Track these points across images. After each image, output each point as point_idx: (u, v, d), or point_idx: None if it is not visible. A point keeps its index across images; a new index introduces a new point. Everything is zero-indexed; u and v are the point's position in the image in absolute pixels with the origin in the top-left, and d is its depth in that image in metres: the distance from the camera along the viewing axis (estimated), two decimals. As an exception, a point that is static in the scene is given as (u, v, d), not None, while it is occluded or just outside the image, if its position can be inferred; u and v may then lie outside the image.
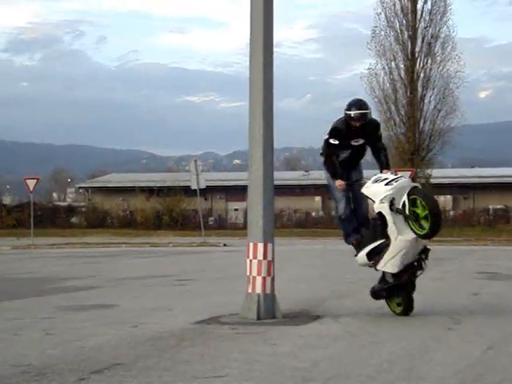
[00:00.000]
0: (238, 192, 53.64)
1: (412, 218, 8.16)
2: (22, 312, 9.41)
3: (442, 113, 47.49)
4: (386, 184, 8.31)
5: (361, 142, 8.87)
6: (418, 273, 8.60)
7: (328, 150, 8.88)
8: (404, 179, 8.52)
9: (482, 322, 8.12)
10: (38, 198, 61.91)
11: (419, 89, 47.60)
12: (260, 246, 8.28)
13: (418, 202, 8.16)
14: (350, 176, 9.00)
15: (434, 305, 9.73)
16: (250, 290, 8.30)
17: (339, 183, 8.81)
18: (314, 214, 56.05)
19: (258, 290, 8.23)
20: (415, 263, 8.50)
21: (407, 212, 8.15)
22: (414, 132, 47.27)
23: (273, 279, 8.36)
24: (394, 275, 8.46)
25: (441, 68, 47.46)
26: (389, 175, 8.55)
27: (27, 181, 33.71)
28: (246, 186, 8.96)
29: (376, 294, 8.85)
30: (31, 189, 33.30)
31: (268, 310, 8.25)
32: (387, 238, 8.34)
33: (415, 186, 8.46)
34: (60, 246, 31.03)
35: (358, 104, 8.72)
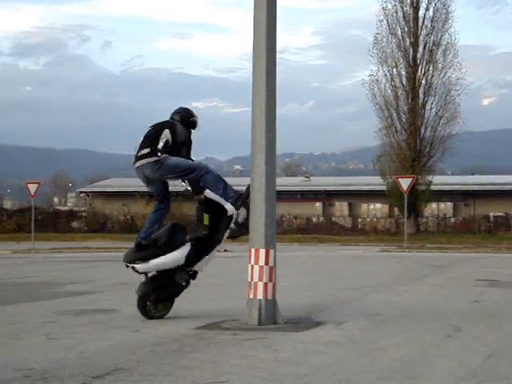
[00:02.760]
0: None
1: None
2: (23, 316, 9.41)
3: (443, 120, 47.57)
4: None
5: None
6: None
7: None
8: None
9: (482, 330, 8.13)
10: (39, 202, 61.96)
11: (420, 95, 47.67)
12: (262, 251, 8.30)
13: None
14: None
15: (435, 312, 9.73)
16: (251, 296, 8.31)
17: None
18: (314, 219, 56.01)
19: (260, 295, 8.24)
20: None
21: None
22: (415, 139, 47.31)
23: (274, 285, 8.37)
24: (189, 277, 9.22)
25: (442, 75, 47.57)
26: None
27: (28, 185, 33.71)
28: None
29: (171, 296, 9.17)
30: (32, 193, 33.30)
31: (269, 316, 8.26)
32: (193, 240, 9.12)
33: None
34: (61, 250, 31.02)
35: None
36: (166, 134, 8.95)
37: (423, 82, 47.76)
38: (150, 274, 9.02)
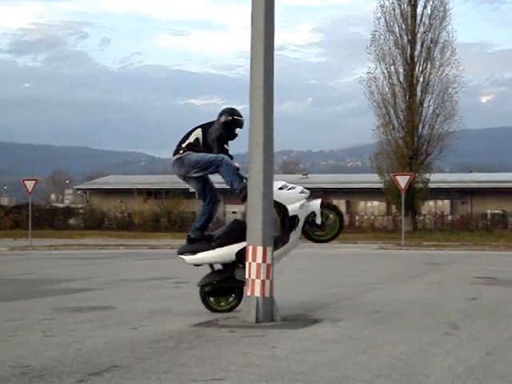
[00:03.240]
0: (236, 195, 53.61)
1: (317, 226, 9.33)
2: (20, 313, 9.40)
3: (441, 117, 47.57)
4: (301, 192, 9.24)
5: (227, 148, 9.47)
6: None
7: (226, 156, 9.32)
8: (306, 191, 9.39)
9: (480, 327, 8.13)
10: (36, 199, 61.96)
11: (418, 93, 47.67)
12: (259, 249, 8.29)
13: (327, 212, 9.38)
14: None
15: (432, 309, 9.73)
16: (248, 293, 8.30)
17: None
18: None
19: (257, 293, 8.23)
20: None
21: (318, 221, 9.29)
22: (412, 136, 47.32)
23: (272, 282, 8.36)
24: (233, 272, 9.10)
25: (440, 73, 47.57)
26: (291, 184, 9.41)
27: (25, 182, 33.71)
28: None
29: (225, 290, 9.18)
30: (29, 190, 33.29)
31: (267, 313, 8.25)
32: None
33: (323, 200, 9.55)
34: (58, 247, 31.02)
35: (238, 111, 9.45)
36: (197, 133, 9.30)
37: (421, 79, 47.77)
38: (215, 268, 9.34)
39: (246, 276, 8.34)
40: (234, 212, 56.63)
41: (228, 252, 9.00)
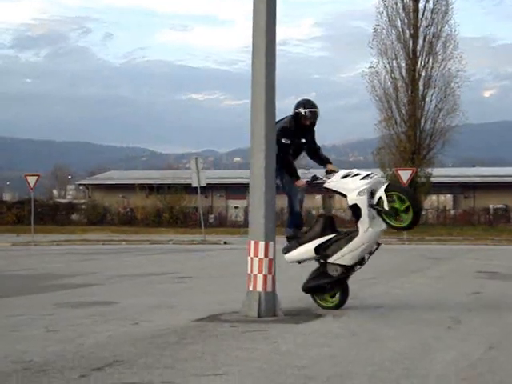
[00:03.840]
0: (239, 190, 53.62)
1: (390, 213, 8.55)
2: (23, 309, 9.41)
3: (443, 112, 47.45)
4: (362, 178, 8.65)
5: (303, 141, 9.12)
6: (357, 267, 8.93)
7: (284, 151, 8.97)
8: (377, 175, 8.88)
9: (482, 321, 8.12)
10: (39, 194, 61.94)
11: (420, 88, 47.57)
12: (261, 244, 8.28)
13: (396, 196, 8.54)
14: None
15: (435, 304, 9.72)
16: (250, 288, 8.30)
17: (300, 183, 9.10)
18: (314, 212, 55.99)
19: (259, 287, 8.23)
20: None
21: (385, 207, 8.50)
22: (414, 131, 47.23)
23: (274, 277, 8.36)
24: (343, 269, 8.77)
25: (442, 67, 47.44)
26: (359, 171, 8.92)
27: (28, 177, 33.70)
28: (247, 183, 8.95)
29: (318, 288, 9.02)
30: (32, 185, 33.29)
31: (269, 308, 8.25)
32: (337, 232, 8.88)
33: (390, 183, 8.87)
34: (60, 242, 31.04)
35: (310, 103, 9.03)
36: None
37: (423, 73, 47.66)
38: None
39: (248, 271, 8.33)
40: (237, 207, 56.64)
41: (308, 249, 8.90)
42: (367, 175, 8.73)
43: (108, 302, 10.03)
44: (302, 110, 8.93)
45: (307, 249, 8.91)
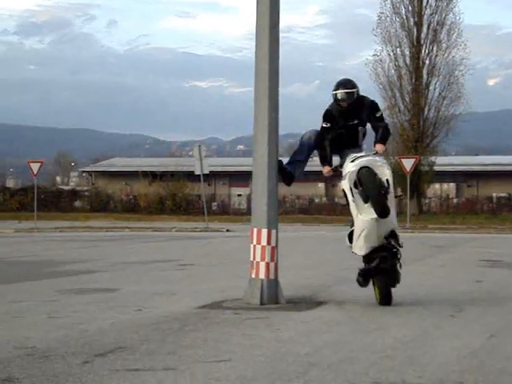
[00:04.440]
0: (241, 178, 53.67)
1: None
2: (25, 295, 9.43)
3: (447, 100, 47.49)
4: (352, 161, 8.18)
5: (355, 121, 8.60)
6: (393, 262, 8.15)
7: (320, 134, 8.68)
8: (368, 158, 8.21)
9: (484, 310, 8.12)
10: (42, 181, 62.09)
11: (424, 76, 47.53)
12: (264, 231, 8.28)
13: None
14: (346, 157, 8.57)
15: (437, 292, 9.73)
16: (253, 276, 8.30)
17: (326, 170, 8.68)
18: (317, 200, 56.03)
19: (262, 275, 8.24)
20: (384, 249, 8.14)
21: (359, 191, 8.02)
22: (418, 119, 47.22)
23: (276, 265, 8.36)
24: (364, 259, 8.34)
25: (446, 55, 47.42)
26: (360, 153, 8.31)
27: (31, 164, 33.75)
28: (250, 171, 8.93)
29: (358, 280, 8.49)
30: (35, 172, 33.35)
31: (271, 296, 8.26)
32: None
33: (364, 167, 8.09)
34: (63, 229, 31.10)
35: (343, 84, 8.54)
36: None
37: (427, 61, 47.61)
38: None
39: (250, 258, 8.33)
40: (239, 195, 56.68)
41: (345, 239, 8.52)
42: (359, 157, 8.19)
43: (111, 288, 10.05)
44: (335, 92, 8.49)
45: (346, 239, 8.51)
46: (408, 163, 32.89)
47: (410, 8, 47.57)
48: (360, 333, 6.60)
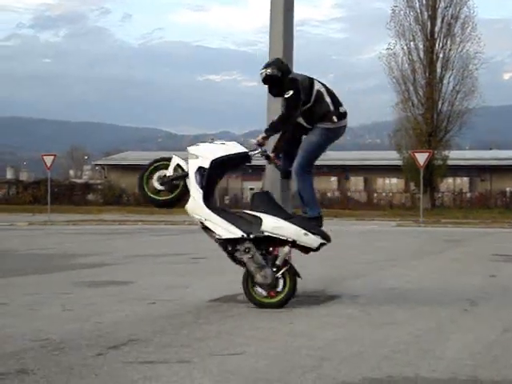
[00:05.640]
0: (254, 171, 53.60)
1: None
2: (39, 287, 9.47)
3: (461, 94, 47.28)
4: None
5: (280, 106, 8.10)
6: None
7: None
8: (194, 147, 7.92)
9: (498, 304, 8.09)
10: (55, 174, 62.31)
11: (438, 69, 47.34)
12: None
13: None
14: None
15: (451, 286, 9.70)
16: (266, 269, 8.29)
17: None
18: (329, 194, 55.98)
19: (275, 268, 8.22)
20: None
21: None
22: (432, 113, 47.04)
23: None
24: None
25: (460, 49, 47.21)
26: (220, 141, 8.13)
27: (44, 157, 33.85)
28: (262, 165, 8.94)
29: None
30: (48, 165, 33.45)
31: (284, 289, 8.24)
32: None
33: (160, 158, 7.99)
34: (76, 222, 31.20)
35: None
36: None
37: (441, 55, 47.40)
38: None
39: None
40: (252, 189, 56.67)
41: None
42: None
43: (124, 281, 10.08)
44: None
45: None
46: (421, 157, 32.75)
47: (424, 1, 47.36)
48: (373, 327, 6.59)
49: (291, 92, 7.68)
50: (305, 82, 7.77)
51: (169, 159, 7.99)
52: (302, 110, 7.79)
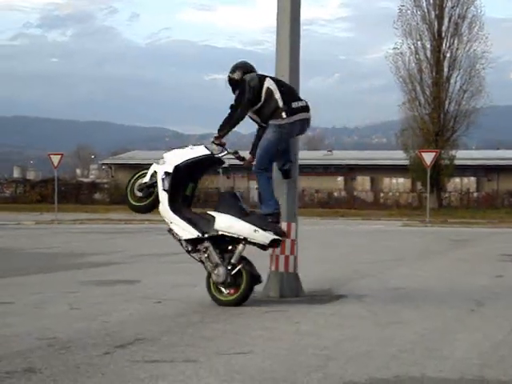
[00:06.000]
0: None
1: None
2: (46, 286, 9.50)
3: (468, 93, 47.10)
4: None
5: None
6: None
7: None
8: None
9: (505, 304, 8.08)
10: (62, 173, 62.42)
11: (445, 69, 47.20)
12: (283, 225, 8.27)
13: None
14: None
15: (457, 286, 9.68)
16: (273, 269, 8.32)
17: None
18: (336, 194, 55.90)
19: (281, 268, 8.25)
20: None
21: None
22: (438, 113, 46.91)
23: (296, 258, 8.37)
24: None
25: (467, 48, 47.02)
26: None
27: (51, 156, 33.88)
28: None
29: None
30: (55, 164, 33.48)
31: (291, 289, 8.27)
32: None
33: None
34: (83, 221, 31.25)
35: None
36: None
37: (448, 55, 47.26)
38: None
39: (270, 251, 8.32)
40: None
41: None
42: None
43: (131, 280, 10.10)
44: None
45: None
46: (428, 157, 32.65)
47: (432, 1, 47.22)
48: (380, 326, 6.59)
49: (237, 92, 7.93)
50: (253, 82, 7.90)
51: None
52: (255, 109, 7.97)
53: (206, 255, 7.79)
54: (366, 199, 54.39)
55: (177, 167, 7.90)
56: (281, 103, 7.84)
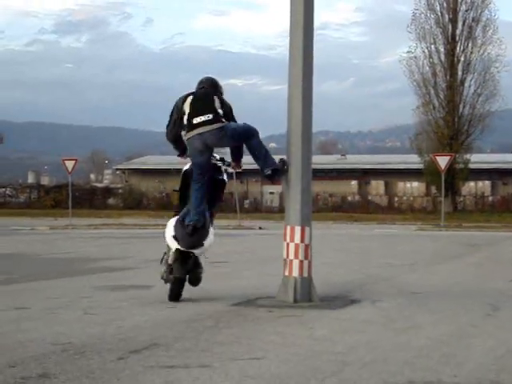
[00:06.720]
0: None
1: None
2: (60, 291, 9.52)
3: (482, 97, 46.97)
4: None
5: None
6: None
7: None
8: None
9: (521, 309, 8.02)
10: (76, 179, 62.64)
11: (459, 72, 47.09)
12: (297, 229, 8.26)
13: None
14: None
15: (473, 290, 9.63)
16: (286, 273, 8.29)
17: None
18: (349, 198, 55.82)
19: (295, 273, 8.22)
20: None
21: None
22: (453, 116, 46.79)
23: (310, 263, 8.34)
24: None
25: (481, 52, 46.90)
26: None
27: (65, 162, 34.04)
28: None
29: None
30: (69, 170, 33.63)
31: (305, 294, 8.24)
32: None
33: None
34: (97, 226, 31.34)
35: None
36: (218, 103, 8.45)
37: (462, 58, 47.15)
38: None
39: (284, 256, 8.31)
40: (272, 193, 56.64)
41: (212, 236, 8.92)
42: None
43: (145, 285, 10.10)
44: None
45: (212, 237, 8.95)
46: (443, 161, 32.54)
47: (445, 4, 47.15)
48: (394, 331, 6.56)
49: None
50: (179, 102, 8.55)
51: None
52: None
53: None
54: (380, 203, 54.26)
55: (185, 171, 8.76)
56: (185, 120, 8.42)
